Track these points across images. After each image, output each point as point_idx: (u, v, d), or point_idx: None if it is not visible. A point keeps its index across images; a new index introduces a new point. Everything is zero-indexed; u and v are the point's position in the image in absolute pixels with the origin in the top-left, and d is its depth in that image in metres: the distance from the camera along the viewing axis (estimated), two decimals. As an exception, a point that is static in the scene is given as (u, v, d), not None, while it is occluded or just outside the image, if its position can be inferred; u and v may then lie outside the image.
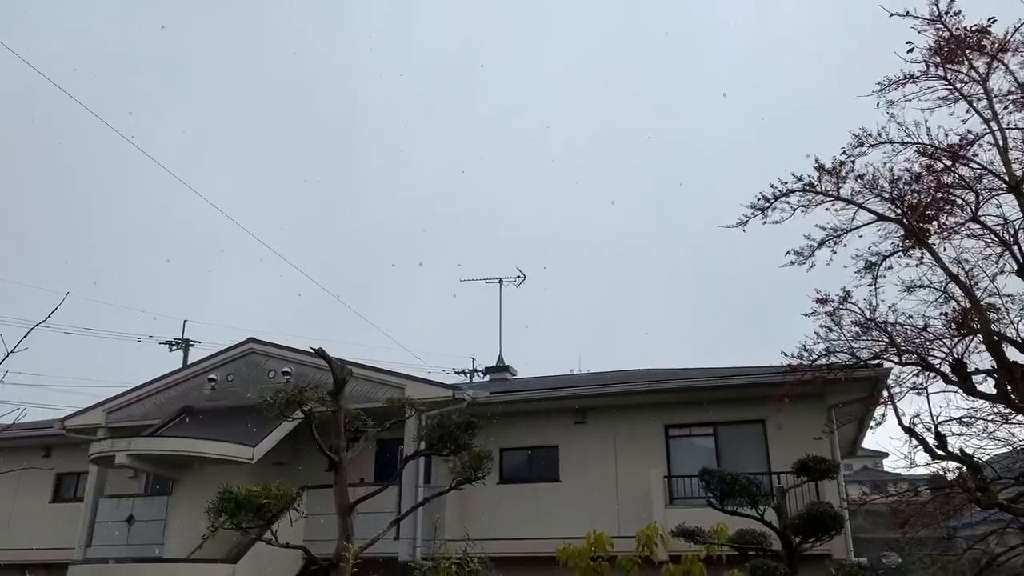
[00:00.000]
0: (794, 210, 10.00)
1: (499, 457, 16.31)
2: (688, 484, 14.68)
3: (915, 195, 9.54)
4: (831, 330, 9.98)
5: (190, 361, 24.23)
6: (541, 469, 16.37)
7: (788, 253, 10.22)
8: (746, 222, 10.10)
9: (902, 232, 9.66)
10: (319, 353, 8.16)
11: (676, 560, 10.12)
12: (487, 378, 23.61)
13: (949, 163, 9.38)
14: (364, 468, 16.54)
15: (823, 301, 9.90)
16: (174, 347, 28.41)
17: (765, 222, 10.00)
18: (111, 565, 14.03)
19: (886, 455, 27.52)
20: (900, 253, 9.77)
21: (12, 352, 6.58)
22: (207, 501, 7.36)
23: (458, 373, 28.55)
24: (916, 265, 9.74)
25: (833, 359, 10.16)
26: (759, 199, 9.96)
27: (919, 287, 9.85)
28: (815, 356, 10.16)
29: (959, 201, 9.49)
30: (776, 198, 9.97)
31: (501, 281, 23.79)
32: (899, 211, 9.59)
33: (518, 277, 24.04)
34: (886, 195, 9.64)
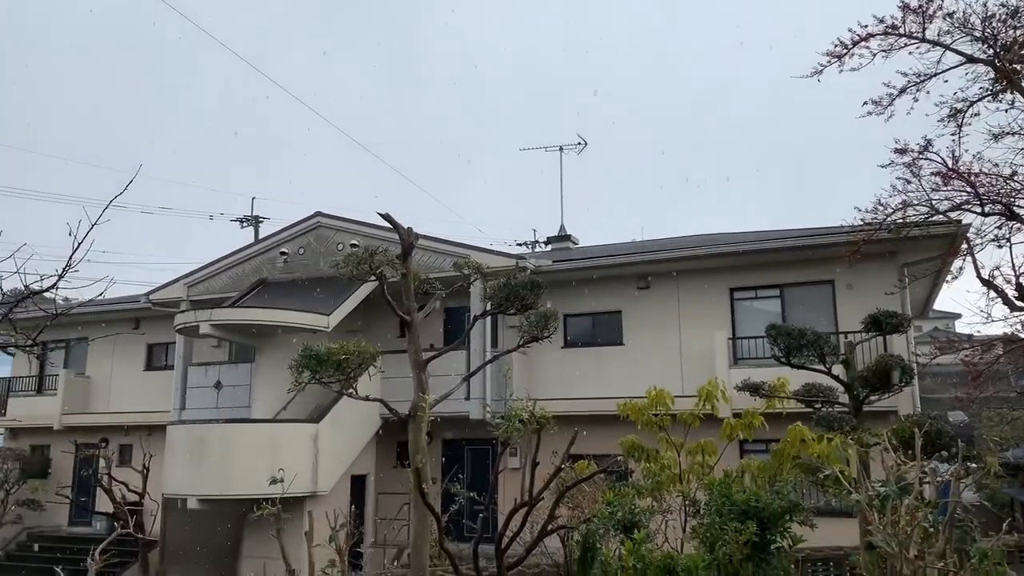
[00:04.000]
0: (874, 55, 9.39)
1: (563, 323, 16.62)
2: (752, 345, 14.76)
3: (1010, 33, 8.82)
4: (909, 182, 9.58)
5: (260, 236, 24.93)
6: (604, 333, 16.64)
7: (865, 103, 9.71)
8: (821, 71, 9.58)
9: (992, 75, 9.02)
10: (386, 217, 8.26)
11: (738, 417, 10.32)
12: (549, 247, 23.69)
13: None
14: (433, 335, 17.08)
15: (902, 151, 9.45)
16: (245, 224, 29.22)
17: (842, 70, 9.45)
18: (205, 425, 15.07)
19: (958, 316, 26.94)
20: (989, 98, 9.16)
21: (95, 224, 6.89)
22: (290, 360, 7.75)
23: (520, 244, 28.65)
24: (1006, 110, 9.15)
25: (910, 212, 9.80)
26: (837, 45, 9.37)
27: (1008, 134, 9.28)
28: (890, 210, 9.82)
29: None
30: (855, 43, 9.37)
31: (561, 149, 23.39)
32: (991, 52, 8.92)
33: (579, 144, 23.56)
34: (977, 34, 8.94)
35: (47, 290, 7.07)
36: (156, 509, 15.57)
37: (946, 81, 9.28)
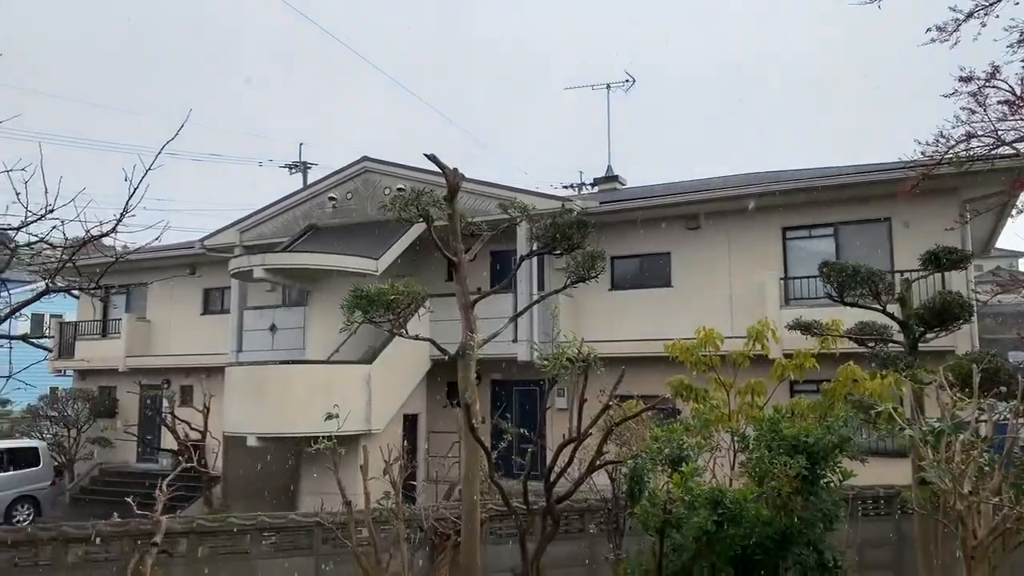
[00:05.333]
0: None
1: (610, 265, 16.52)
2: (804, 285, 14.51)
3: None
4: (973, 112, 9.13)
5: (309, 182, 25.18)
6: (653, 275, 16.52)
7: (929, 30, 9.22)
8: (879, -4, 9.07)
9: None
10: (431, 158, 8.23)
11: (789, 357, 10.18)
12: (596, 189, 23.42)
13: None
14: (480, 280, 17.18)
15: (967, 79, 8.99)
16: (293, 170, 29.52)
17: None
18: (262, 367, 15.54)
19: (1022, 255, 25.97)
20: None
21: (150, 169, 7.04)
22: (341, 299, 7.88)
23: (566, 187, 28.39)
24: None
25: (974, 145, 9.38)
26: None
27: (1084, 59, 8.75)
28: (953, 143, 9.41)
29: None
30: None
31: (608, 87, 22.90)
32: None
33: (626, 81, 23.03)
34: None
35: (107, 234, 7.28)
36: (217, 447, 16.21)
37: (1017, 3, 8.75)
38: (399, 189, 17.11)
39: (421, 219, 8.09)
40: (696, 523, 5.02)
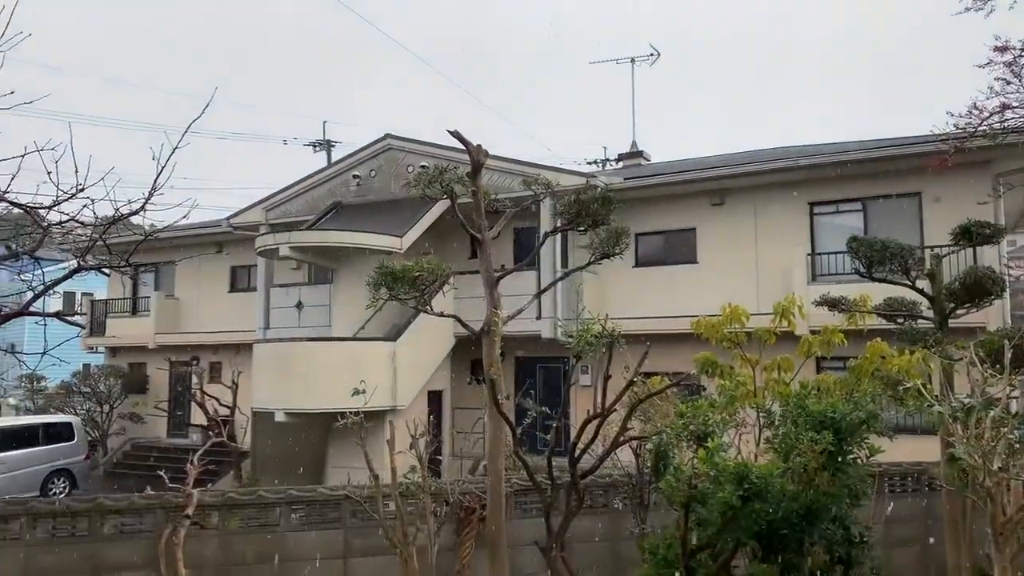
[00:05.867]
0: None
1: (634, 242, 16.42)
2: (832, 261, 14.33)
3: None
4: (1008, 83, 8.91)
5: (333, 160, 25.24)
6: (677, 252, 16.41)
7: (963, -2, 9.00)
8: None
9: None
10: (455, 135, 8.21)
11: (816, 334, 10.09)
12: (620, 165, 23.24)
13: None
14: (504, 258, 17.19)
15: (1002, 49, 8.77)
16: (317, 148, 29.62)
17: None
18: (289, 344, 15.72)
19: (1057, 230, 25.37)
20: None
21: (177, 148, 7.10)
22: (366, 276, 7.93)
23: (590, 163, 28.19)
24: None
25: (1008, 116, 9.16)
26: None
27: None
28: (987, 114, 9.19)
29: None
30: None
31: (633, 61, 22.61)
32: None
33: (651, 55, 22.74)
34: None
35: (136, 212, 7.38)
36: (246, 422, 16.47)
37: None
38: (422, 166, 17.12)
39: (445, 196, 8.09)
40: (721, 498, 5.03)
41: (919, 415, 7.32)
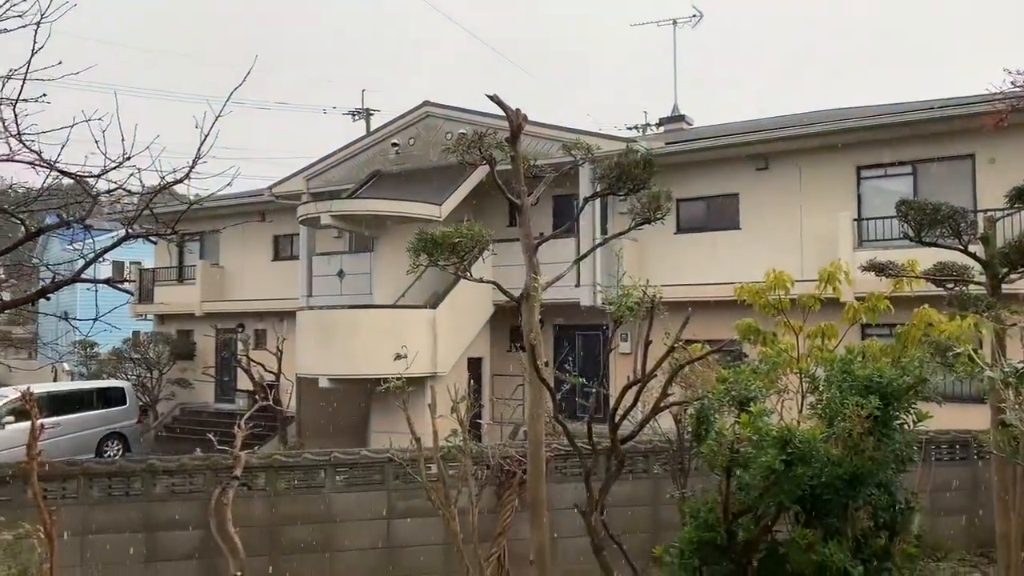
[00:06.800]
0: None
1: (675, 208, 16.22)
2: (879, 226, 14.00)
3: None
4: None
5: (372, 128, 25.31)
6: (720, 218, 16.18)
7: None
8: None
9: None
10: (493, 99, 8.14)
11: (861, 300, 9.90)
12: (662, 129, 22.89)
13: None
14: (543, 225, 17.11)
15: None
16: (356, 117, 29.73)
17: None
18: (331, 311, 15.96)
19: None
20: None
21: (219, 116, 7.17)
22: (407, 244, 7.97)
23: (631, 128, 27.82)
24: None
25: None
26: None
27: None
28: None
29: None
30: None
31: (675, 22, 22.14)
32: None
33: (694, 16, 22.25)
34: None
35: (181, 180, 7.50)
36: (291, 388, 16.82)
37: None
38: (461, 133, 17.06)
39: (484, 162, 8.04)
40: (764, 462, 4.98)
41: (967, 382, 7.15)
